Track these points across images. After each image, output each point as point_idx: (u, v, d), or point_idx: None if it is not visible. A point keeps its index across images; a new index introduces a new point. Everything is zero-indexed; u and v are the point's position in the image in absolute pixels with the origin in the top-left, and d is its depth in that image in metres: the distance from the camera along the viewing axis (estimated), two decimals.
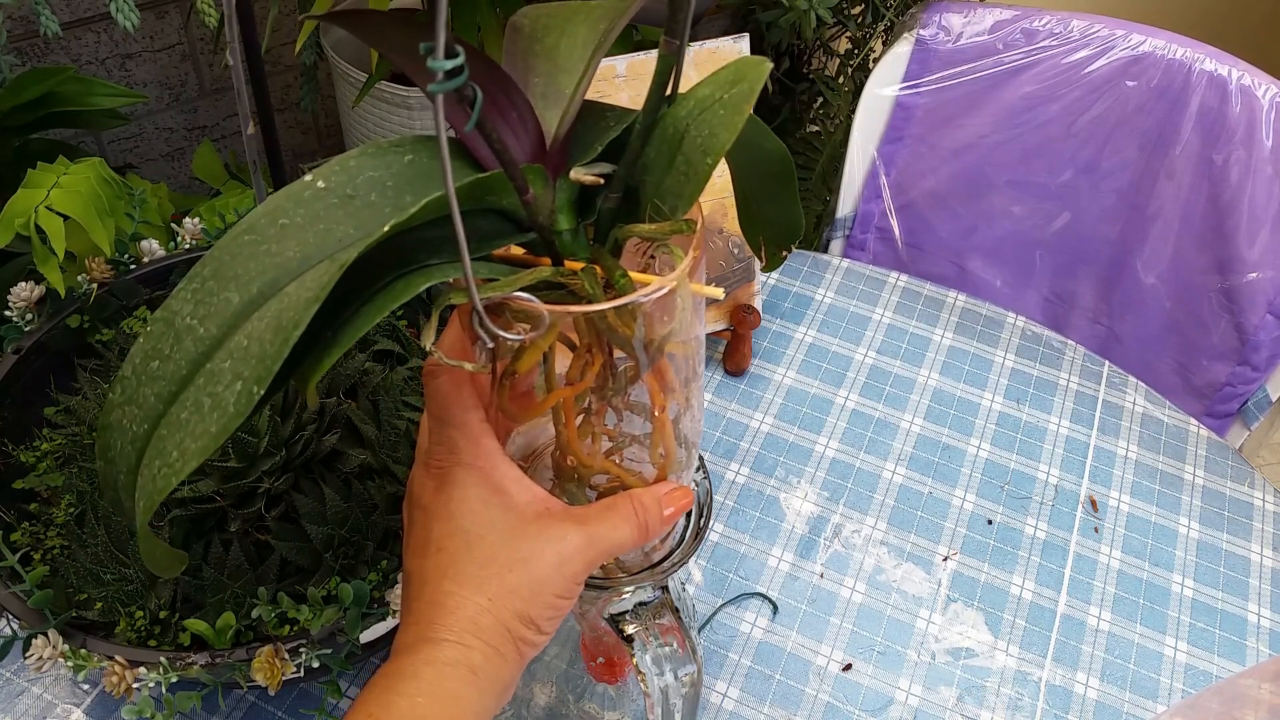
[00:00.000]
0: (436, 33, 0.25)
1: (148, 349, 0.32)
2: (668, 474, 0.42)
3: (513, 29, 0.39)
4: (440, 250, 0.33)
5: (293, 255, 0.31)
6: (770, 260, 0.49)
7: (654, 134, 0.36)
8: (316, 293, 0.29)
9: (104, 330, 0.66)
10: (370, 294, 0.32)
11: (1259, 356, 1.01)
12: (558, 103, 0.36)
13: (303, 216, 0.32)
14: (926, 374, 0.87)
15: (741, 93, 0.34)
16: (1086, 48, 1.03)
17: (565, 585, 0.38)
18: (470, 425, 0.38)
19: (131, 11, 0.80)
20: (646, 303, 0.35)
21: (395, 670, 0.36)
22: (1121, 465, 0.81)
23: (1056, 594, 0.72)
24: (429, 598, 0.37)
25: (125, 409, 0.32)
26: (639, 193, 0.37)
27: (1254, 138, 0.97)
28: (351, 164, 0.33)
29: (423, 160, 0.34)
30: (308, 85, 1.13)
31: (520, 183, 0.33)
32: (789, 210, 0.46)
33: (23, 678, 0.62)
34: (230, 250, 0.32)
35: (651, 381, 0.39)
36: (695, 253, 0.36)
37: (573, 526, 0.38)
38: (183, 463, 0.30)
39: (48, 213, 0.64)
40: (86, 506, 0.58)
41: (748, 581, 0.72)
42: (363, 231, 0.32)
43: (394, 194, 0.33)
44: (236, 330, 0.30)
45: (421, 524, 0.39)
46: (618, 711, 0.60)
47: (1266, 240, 0.99)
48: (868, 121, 1.11)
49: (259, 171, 0.52)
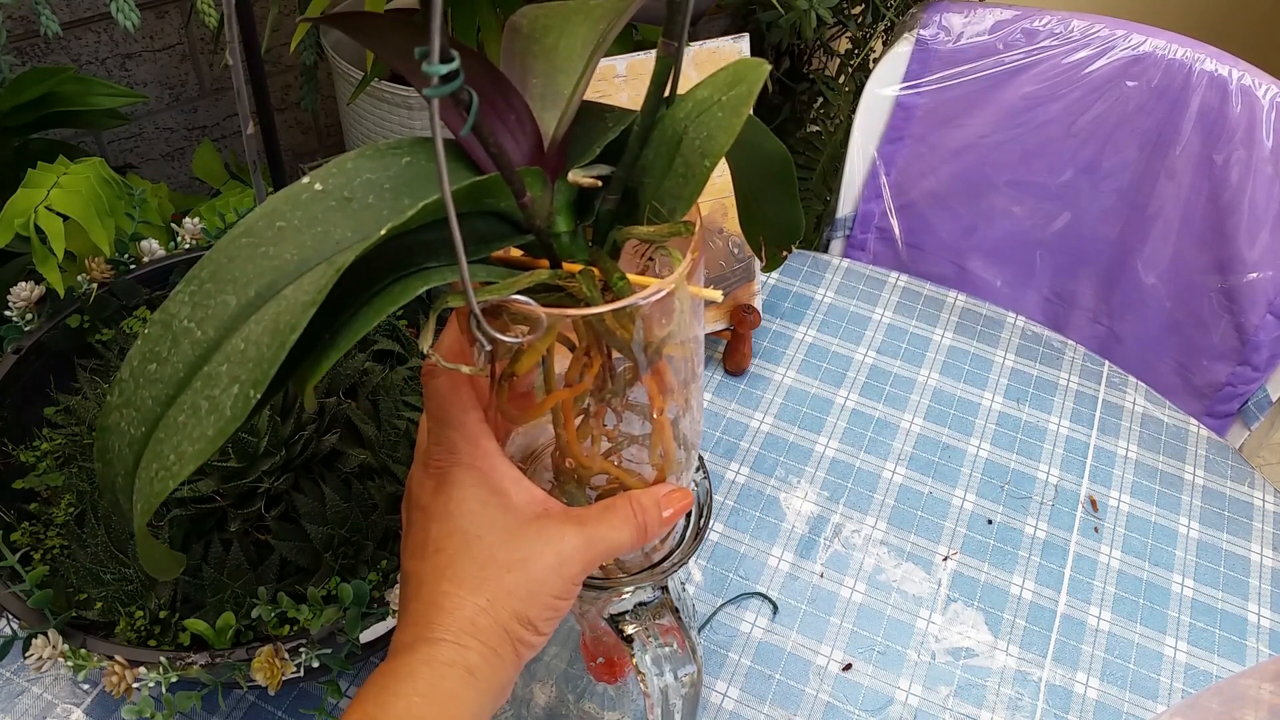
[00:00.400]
0: (431, 36, 0.25)
1: (145, 351, 0.32)
2: (667, 475, 0.42)
3: (511, 29, 0.39)
4: (438, 253, 0.33)
5: (290, 258, 0.31)
6: (770, 260, 0.49)
7: (652, 136, 0.36)
8: (314, 296, 0.29)
9: (104, 330, 0.66)
10: (368, 297, 0.32)
11: (1259, 356, 1.01)
12: (556, 103, 0.36)
13: (300, 219, 0.32)
14: (926, 374, 0.87)
15: (740, 95, 0.34)
16: (1087, 48, 1.03)
17: (563, 586, 0.38)
18: (469, 426, 0.38)
19: (132, 11, 0.80)
20: (645, 305, 0.35)
21: (392, 670, 0.36)
22: (1121, 465, 0.81)
23: (1056, 594, 0.72)
24: (427, 598, 0.37)
25: (123, 411, 0.32)
26: (638, 194, 0.37)
27: (1254, 138, 0.97)
28: (349, 166, 0.33)
29: (421, 163, 0.34)
30: (308, 85, 1.13)
31: (517, 186, 0.33)
32: (789, 211, 0.46)
33: (23, 677, 0.62)
34: (228, 253, 0.32)
35: (650, 383, 0.39)
36: (694, 255, 0.36)
37: (571, 528, 0.38)
38: (180, 466, 0.30)
39: (47, 213, 0.64)
40: (86, 506, 0.58)
41: (748, 581, 0.72)
42: (360, 234, 0.32)
43: (391, 197, 0.33)
44: (234, 333, 0.30)
45: (420, 524, 0.39)
46: (618, 711, 0.60)
47: (1266, 240, 0.99)
48: (868, 121, 1.11)
49: (259, 171, 0.52)
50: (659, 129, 0.36)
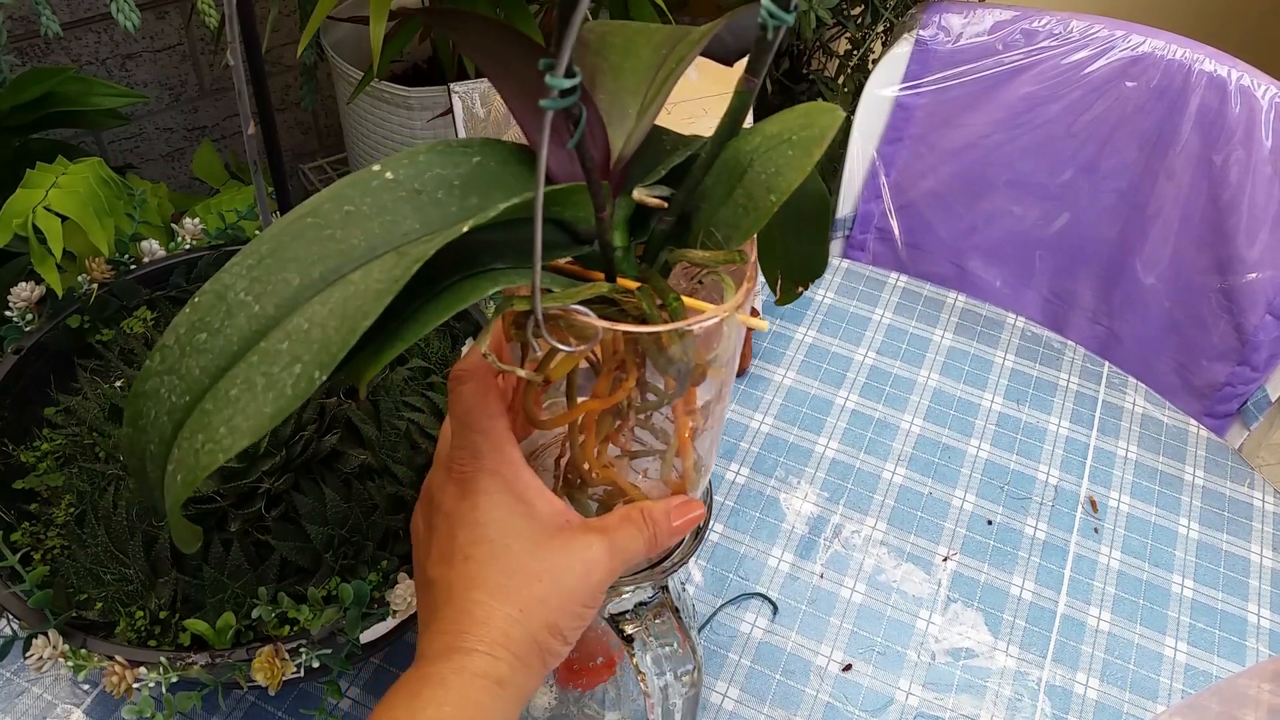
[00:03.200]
0: (562, 51, 0.25)
1: (195, 320, 0.31)
2: (680, 490, 0.42)
3: (580, 43, 0.39)
4: (503, 254, 0.33)
5: (358, 244, 0.31)
6: (784, 295, 0.49)
7: (715, 163, 0.36)
8: (388, 285, 0.29)
9: (104, 330, 0.66)
10: (436, 292, 0.32)
11: (1258, 357, 1.01)
12: (621, 121, 0.36)
13: (370, 206, 0.32)
14: (926, 374, 0.87)
15: (813, 136, 0.35)
16: (1086, 48, 1.03)
17: (591, 595, 0.38)
18: (495, 432, 0.38)
19: (132, 12, 0.80)
20: (698, 329, 0.35)
21: (422, 676, 0.36)
22: (1121, 466, 0.81)
23: (1056, 594, 0.72)
24: (458, 605, 0.37)
25: (164, 378, 0.31)
26: (692, 218, 0.37)
27: (1254, 138, 0.97)
28: (421, 159, 0.33)
29: (490, 164, 0.34)
30: (307, 85, 1.13)
31: (601, 200, 0.33)
32: (815, 250, 0.47)
33: (23, 678, 0.62)
34: (291, 232, 0.31)
35: (678, 405, 0.39)
36: (749, 284, 0.36)
37: (595, 537, 0.38)
38: (232, 440, 0.29)
39: (46, 213, 0.64)
40: (87, 506, 0.58)
41: (748, 582, 0.72)
42: (428, 228, 0.32)
43: (460, 194, 0.33)
44: (295, 312, 0.30)
45: (444, 530, 0.39)
46: (618, 712, 0.60)
47: (1266, 240, 0.99)
48: (867, 122, 1.11)
49: (259, 171, 0.52)
50: (721, 158, 0.36)
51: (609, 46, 0.38)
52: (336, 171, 1.46)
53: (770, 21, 0.29)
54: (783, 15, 0.28)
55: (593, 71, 0.38)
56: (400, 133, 1.11)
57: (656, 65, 0.37)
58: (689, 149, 0.38)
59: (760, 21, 0.29)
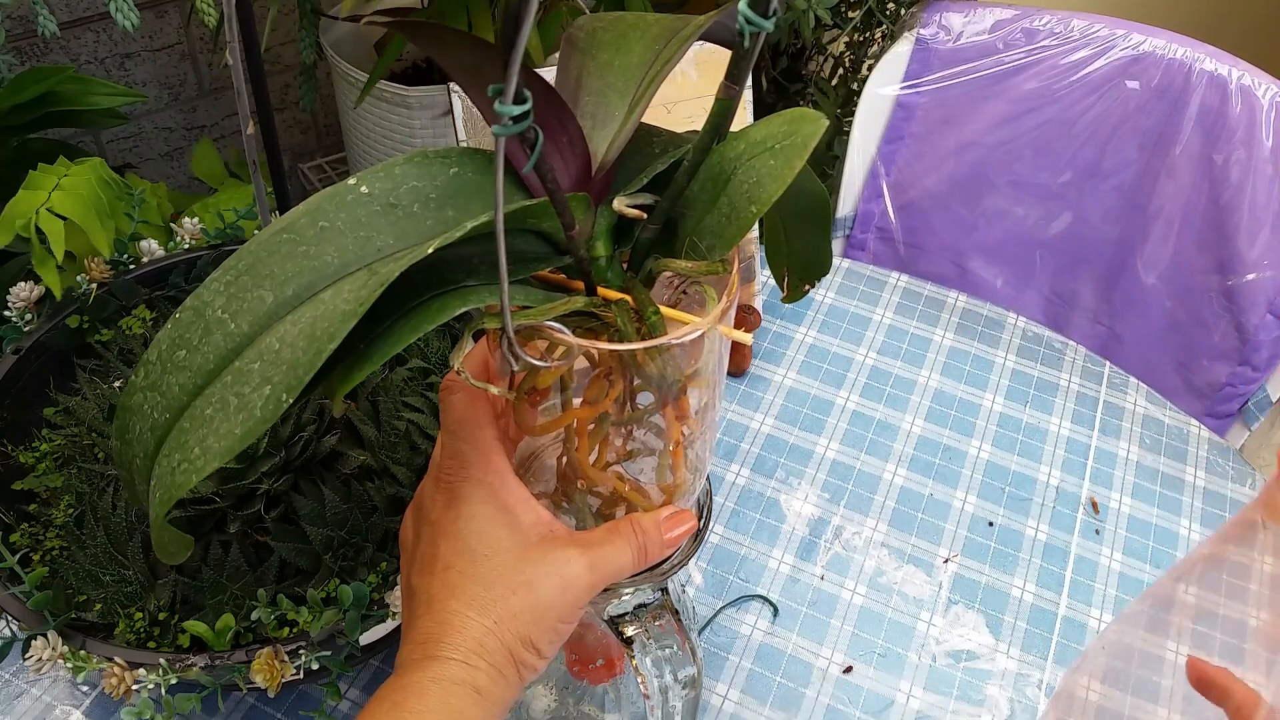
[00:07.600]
0: (508, 79, 0.25)
1: (175, 337, 0.31)
2: (675, 498, 0.42)
3: (568, 41, 0.38)
4: (477, 270, 0.33)
5: (331, 260, 0.31)
6: (791, 292, 0.49)
7: (700, 170, 0.36)
8: (354, 307, 0.29)
9: (103, 330, 0.66)
10: (405, 310, 0.32)
11: (1259, 357, 1.01)
12: (606, 124, 0.36)
13: (344, 221, 0.32)
14: (927, 375, 0.87)
15: (794, 145, 0.34)
16: (1087, 47, 1.03)
17: (567, 610, 0.38)
18: (482, 442, 0.38)
19: (131, 11, 0.79)
20: (675, 345, 0.35)
21: (402, 686, 0.36)
22: (1122, 467, 0.81)
23: (1057, 596, 0.72)
24: (436, 616, 0.38)
25: (147, 394, 0.31)
26: (678, 226, 0.36)
27: (1254, 137, 0.97)
28: (396, 172, 0.33)
29: (468, 175, 0.34)
30: (307, 85, 1.13)
31: (568, 219, 0.32)
32: (819, 248, 0.46)
33: (22, 679, 0.62)
34: (267, 247, 0.31)
35: (669, 412, 0.39)
36: (729, 297, 0.36)
37: (576, 552, 0.38)
38: (204, 461, 0.29)
39: (48, 215, 0.64)
40: (86, 507, 0.58)
41: (748, 583, 0.71)
42: (403, 243, 0.31)
43: (436, 207, 0.33)
44: (268, 331, 0.30)
45: (429, 540, 0.39)
46: (618, 714, 0.60)
47: (1267, 240, 0.99)
48: (868, 121, 1.11)
49: (259, 171, 0.52)
50: (707, 164, 0.36)
51: (599, 44, 0.38)
52: (336, 171, 1.46)
53: (747, 28, 0.28)
54: (760, 21, 0.28)
55: (579, 73, 0.37)
56: (400, 132, 1.11)
57: (649, 62, 0.36)
58: (679, 151, 0.37)
59: (738, 28, 0.28)
